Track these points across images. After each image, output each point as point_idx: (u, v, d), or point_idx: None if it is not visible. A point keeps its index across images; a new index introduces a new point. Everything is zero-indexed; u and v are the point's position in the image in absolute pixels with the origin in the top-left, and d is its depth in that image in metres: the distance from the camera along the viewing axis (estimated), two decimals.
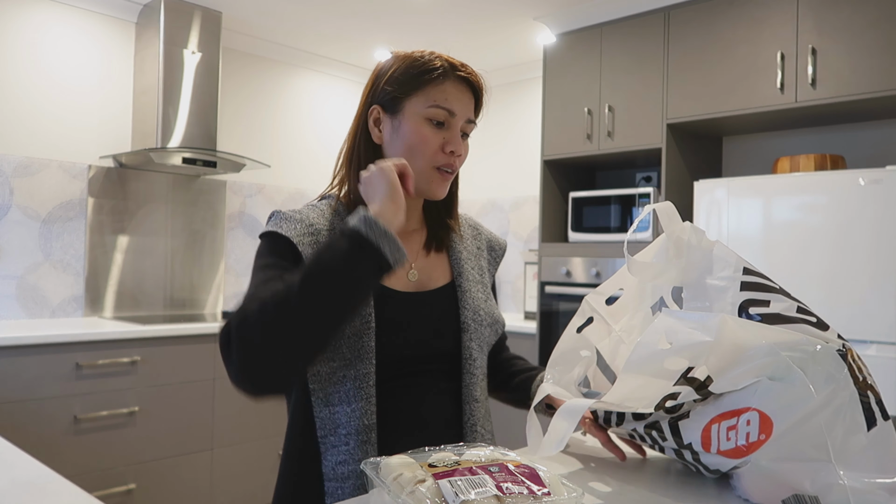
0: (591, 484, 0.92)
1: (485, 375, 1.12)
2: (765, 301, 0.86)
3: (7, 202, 2.93)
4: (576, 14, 3.27)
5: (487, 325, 1.12)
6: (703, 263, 0.94)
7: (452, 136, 1.03)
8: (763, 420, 0.76)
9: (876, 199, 2.29)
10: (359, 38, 3.79)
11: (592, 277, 3.13)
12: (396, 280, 1.06)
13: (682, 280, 0.97)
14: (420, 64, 1.03)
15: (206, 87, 3.28)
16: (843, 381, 0.75)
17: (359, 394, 0.96)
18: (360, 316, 0.97)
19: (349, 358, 0.97)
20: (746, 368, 0.76)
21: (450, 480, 0.67)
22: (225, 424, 2.98)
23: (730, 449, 0.79)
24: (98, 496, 1.91)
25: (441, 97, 1.02)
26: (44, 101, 3.05)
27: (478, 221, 1.27)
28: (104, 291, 3.21)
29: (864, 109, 2.64)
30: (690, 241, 0.96)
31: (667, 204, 0.98)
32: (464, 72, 1.05)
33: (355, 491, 0.94)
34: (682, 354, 0.81)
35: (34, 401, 2.47)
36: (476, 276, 1.15)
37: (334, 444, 0.96)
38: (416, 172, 1.01)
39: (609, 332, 1.07)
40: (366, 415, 0.96)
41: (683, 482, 0.93)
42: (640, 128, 3.04)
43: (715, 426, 0.80)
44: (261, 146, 3.86)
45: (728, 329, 0.78)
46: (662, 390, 0.83)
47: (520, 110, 4.20)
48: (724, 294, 0.90)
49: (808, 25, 2.58)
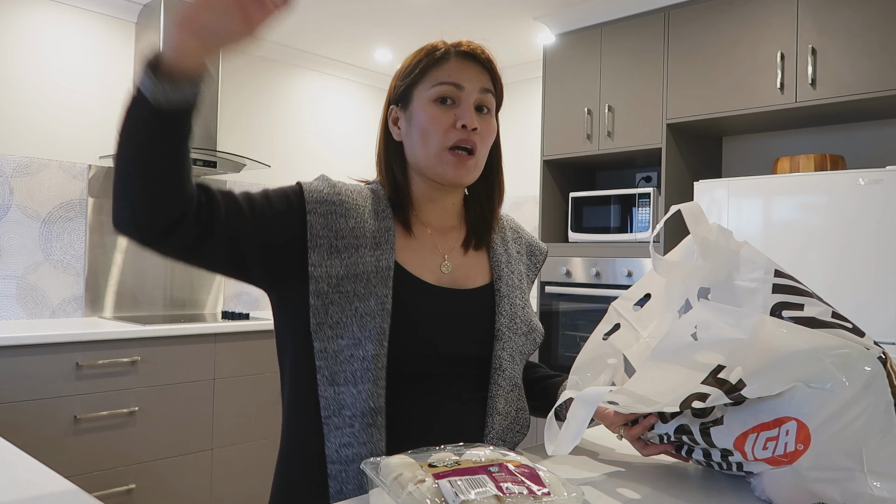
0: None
1: (514, 387, 1.04)
2: (798, 304, 0.83)
3: (7, 202, 2.93)
4: (576, 14, 3.27)
5: (523, 334, 1.07)
6: (731, 264, 0.91)
7: (463, 110, 0.99)
8: (801, 429, 0.74)
9: (876, 199, 2.29)
10: (359, 38, 3.79)
11: (592, 277, 3.13)
12: (428, 271, 1.02)
13: (709, 281, 0.93)
14: (423, 52, 1.04)
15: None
16: (880, 389, 0.73)
17: (366, 375, 0.92)
18: (376, 297, 0.94)
19: (359, 337, 0.93)
20: (783, 373, 0.74)
21: (450, 480, 0.67)
22: (225, 424, 2.98)
23: (767, 458, 0.77)
24: (98, 496, 1.91)
25: (444, 75, 1.00)
26: (44, 101, 3.05)
27: (520, 224, 1.22)
28: (104, 291, 3.21)
29: (864, 109, 2.64)
30: (718, 241, 0.93)
31: (693, 204, 0.95)
32: (467, 47, 1.02)
33: (359, 475, 0.90)
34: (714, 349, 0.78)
35: (34, 401, 2.47)
36: (515, 282, 1.10)
37: (338, 426, 0.92)
38: (431, 157, 1.00)
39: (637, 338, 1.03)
40: (372, 397, 0.91)
41: (700, 484, 0.93)
42: (640, 128, 3.04)
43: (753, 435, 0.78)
44: (261, 146, 3.86)
45: (765, 329, 0.76)
46: (689, 385, 0.79)
47: (520, 110, 4.20)
48: (754, 296, 0.87)
49: (808, 25, 2.58)
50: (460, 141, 0.99)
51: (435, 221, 1.07)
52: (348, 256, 0.95)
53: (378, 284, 0.95)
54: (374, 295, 0.94)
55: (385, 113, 1.08)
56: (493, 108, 1.05)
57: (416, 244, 1.04)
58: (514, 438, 1.05)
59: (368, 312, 0.93)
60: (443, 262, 1.04)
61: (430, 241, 1.05)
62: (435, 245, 1.05)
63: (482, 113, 1.03)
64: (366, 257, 0.96)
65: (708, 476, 0.95)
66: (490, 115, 1.04)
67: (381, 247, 0.98)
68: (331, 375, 0.93)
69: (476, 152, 1.01)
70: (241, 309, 3.73)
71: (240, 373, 3.04)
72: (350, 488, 0.92)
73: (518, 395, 1.05)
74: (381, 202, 1.03)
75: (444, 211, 1.08)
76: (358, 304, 0.94)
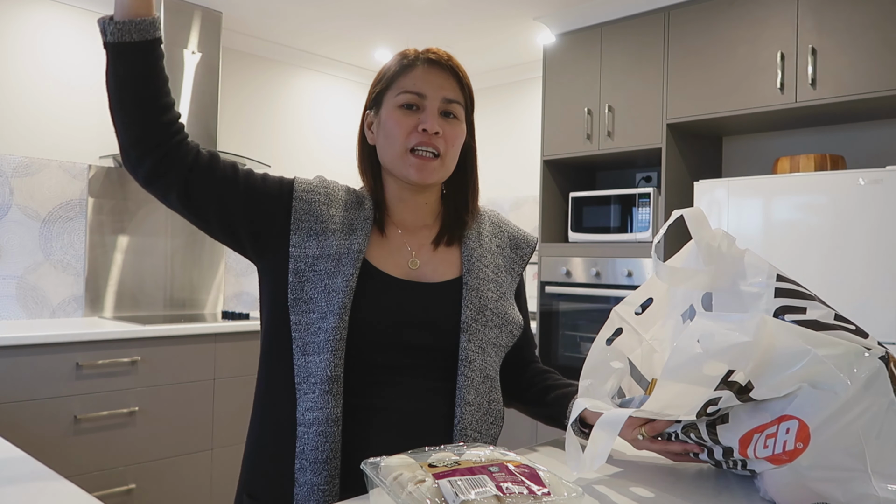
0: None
1: (486, 378, 1.06)
2: (801, 308, 0.84)
3: (7, 202, 2.93)
4: (576, 14, 3.27)
5: (496, 327, 1.09)
6: (734, 270, 0.92)
7: (426, 115, 1.05)
8: (801, 428, 0.74)
9: (876, 199, 2.29)
10: (359, 38, 3.79)
11: (592, 277, 3.13)
12: (395, 267, 1.07)
13: (713, 286, 0.94)
14: (393, 60, 1.10)
15: (206, 87, 3.28)
16: (882, 389, 0.73)
17: (327, 345, 0.98)
18: (342, 275, 1.01)
19: (325, 311, 1.00)
20: (788, 374, 0.75)
21: (450, 480, 0.67)
22: (225, 424, 2.98)
23: (767, 456, 0.78)
24: (98, 496, 1.91)
25: (409, 83, 1.06)
26: (44, 101, 3.05)
27: (504, 218, 1.24)
28: (104, 291, 3.21)
29: (864, 109, 2.64)
30: (721, 247, 0.94)
31: (696, 209, 0.96)
32: (433, 56, 1.07)
33: (318, 437, 0.97)
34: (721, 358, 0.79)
35: (34, 401, 2.47)
36: (490, 275, 1.12)
37: (305, 392, 0.99)
38: (395, 159, 1.07)
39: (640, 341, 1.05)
40: (330, 366, 0.98)
41: (701, 484, 0.93)
42: (640, 128, 3.04)
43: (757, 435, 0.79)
44: (261, 146, 3.86)
45: (767, 330, 0.76)
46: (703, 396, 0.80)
47: (520, 110, 4.20)
48: (757, 301, 0.88)
49: (808, 25, 2.58)
50: (420, 143, 1.05)
51: (407, 221, 1.13)
52: (325, 239, 1.04)
53: (347, 265, 1.03)
54: (341, 273, 1.02)
55: (362, 118, 1.15)
56: (459, 113, 1.09)
57: (385, 243, 1.10)
58: (490, 430, 1.07)
59: (335, 289, 1.01)
60: (410, 259, 1.10)
61: (399, 241, 1.11)
62: (404, 243, 1.11)
63: (448, 118, 1.08)
64: (340, 240, 1.05)
65: (707, 476, 0.95)
66: (456, 120, 1.09)
67: (356, 233, 1.06)
68: (303, 346, 1.01)
69: (442, 154, 1.06)
70: (241, 309, 3.73)
71: (240, 373, 3.04)
72: (310, 448, 0.98)
73: (491, 386, 1.07)
74: (365, 200, 1.11)
75: (416, 210, 1.13)
76: (327, 281, 1.02)
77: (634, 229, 3.04)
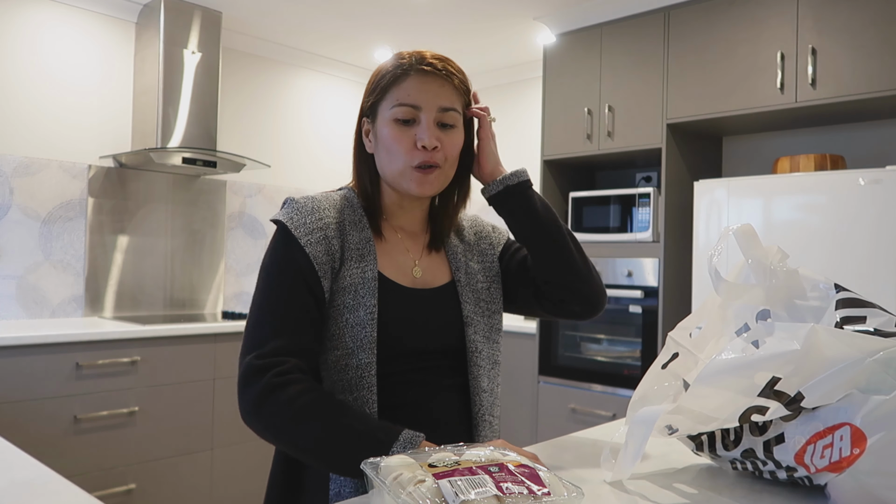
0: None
1: (496, 364, 1.13)
2: (861, 317, 0.83)
3: (7, 202, 2.93)
4: (576, 14, 3.27)
5: (493, 314, 1.15)
6: (791, 285, 0.91)
7: (422, 130, 1.02)
8: (855, 434, 0.73)
9: (876, 199, 2.29)
10: (359, 38, 3.79)
11: None
12: (403, 276, 1.08)
13: (770, 302, 0.93)
14: (386, 67, 1.06)
15: (206, 87, 3.28)
16: None
17: (360, 383, 0.98)
18: (364, 307, 1.00)
19: (351, 347, 0.99)
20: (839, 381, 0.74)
21: (450, 480, 0.67)
22: (225, 424, 2.98)
23: (825, 466, 0.77)
24: (98, 496, 1.91)
25: (403, 94, 1.02)
26: (44, 101, 3.05)
27: (475, 216, 1.26)
28: (104, 291, 3.21)
29: (864, 109, 2.64)
30: (773, 263, 0.93)
31: (747, 226, 0.94)
32: (427, 66, 1.02)
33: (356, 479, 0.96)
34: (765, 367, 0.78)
35: (34, 401, 2.47)
36: (475, 267, 1.16)
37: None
38: (395, 174, 1.04)
39: (696, 361, 1.03)
40: (366, 403, 0.98)
41: (710, 484, 0.93)
42: (640, 128, 3.04)
43: (810, 447, 0.78)
44: (261, 146, 3.86)
45: (818, 339, 0.76)
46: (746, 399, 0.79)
47: (520, 110, 4.20)
48: (819, 314, 0.87)
49: (808, 25, 2.58)
50: (424, 161, 1.02)
51: (406, 226, 1.14)
52: (338, 271, 1.02)
53: (366, 295, 1.01)
54: (362, 305, 1.00)
55: (358, 124, 1.12)
56: (456, 120, 1.06)
57: (389, 248, 1.10)
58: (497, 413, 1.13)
59: (359, 323, 1.00)
60: (414, 267, 1.11)
61: (401, 245, 1.12)
62: (406, 249, 1.12)
63: (445, 129, 1.04)
64: (353, 269, 1.02)
65: (717, 475, 0.95)
66: (454, 129, 1.06)
67: (365, 258, 1.04)
68: (331, 384, 1.01)
69: (441, 166, 1.04)
70: (241, 309, 3.72)
71: None
72: (348, 491, 0.97)
73: (497, 371, 1.15)
74: (356, 211, 1.08)
75: (413, 216, 1.14)
76: (348, 315, 1.00)
77: (634, 229, 3.04)
